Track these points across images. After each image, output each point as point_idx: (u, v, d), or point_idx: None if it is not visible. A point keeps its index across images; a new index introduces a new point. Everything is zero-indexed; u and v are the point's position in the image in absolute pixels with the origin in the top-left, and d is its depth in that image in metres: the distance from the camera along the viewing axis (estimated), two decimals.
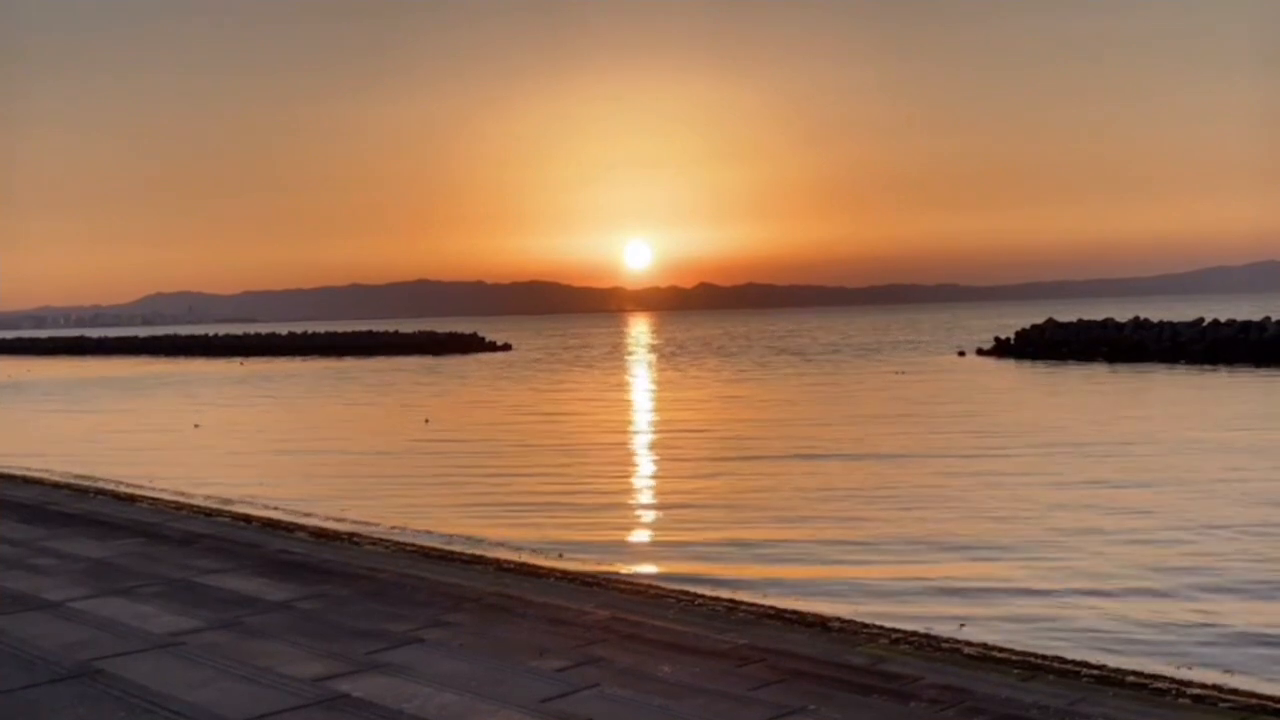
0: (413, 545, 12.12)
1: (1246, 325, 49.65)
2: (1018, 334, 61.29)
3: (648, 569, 12.22)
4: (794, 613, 8.74)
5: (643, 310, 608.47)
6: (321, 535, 12.41)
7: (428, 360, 73.18)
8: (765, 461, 21.36)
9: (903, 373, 48.59)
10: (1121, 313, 67.54)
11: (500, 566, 10.48)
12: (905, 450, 22.35)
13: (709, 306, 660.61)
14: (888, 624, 8.54)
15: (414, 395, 43.15)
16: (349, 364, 71.24)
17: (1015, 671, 6.80)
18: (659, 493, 18.78)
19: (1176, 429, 24.82)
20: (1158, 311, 79.41)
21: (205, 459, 24.38)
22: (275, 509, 15.87)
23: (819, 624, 8.24)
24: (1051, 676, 6.71)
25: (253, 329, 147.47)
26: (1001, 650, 7.59)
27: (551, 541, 13.67)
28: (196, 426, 31.75)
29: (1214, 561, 12.06)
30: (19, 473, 19.47)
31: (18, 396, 50.44)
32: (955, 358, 59.74)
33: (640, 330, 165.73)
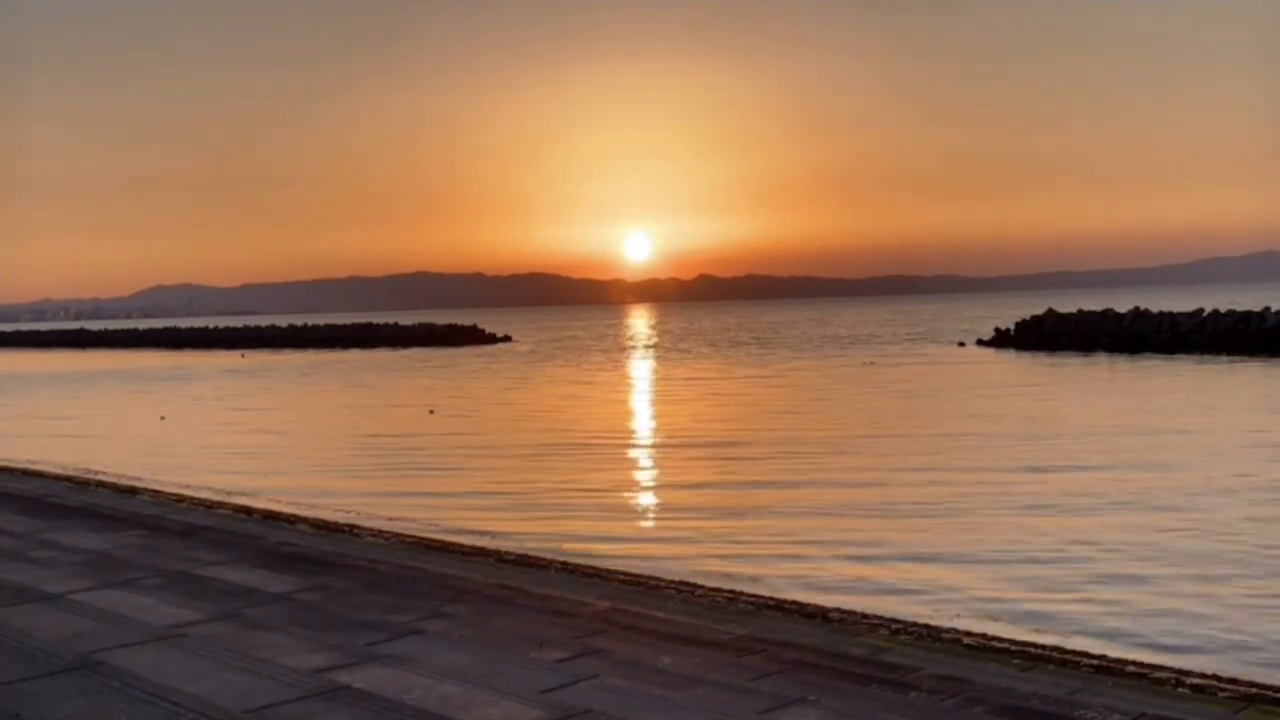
0: (413, 537, 12.10)
1: (1247, 316, 49.59)
2: (1018, 325, 61.24)
3: (648, 560, 12.22)
4: (794, 603, 8.74)
5: (643, 302, 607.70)
6: (322, 527, 12.41)
7: (427, 352, 73.16)
8: (763, 454, 21.36)
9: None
10: (1122, 303, 67.41)
11: (501, 558, 10.48)
12: (901, 440, 22.34)
13: (709, 298, 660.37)
14: (887, 614, 8.55)
15: (414, 387, 43.14)
16: (349, 356, 71.22)
17: (1015, 662, 6.81)
18: (659, 484, 18.79)
19: (1176, 421, 24.80)
20: (1158, 302, 79.40)
21: (205, 456, 24.38)
22: (276, 500, 15.88)
23: (819, 615, 8.24)
24: (1051, 666, 6.71)
25: (253, 321, 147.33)
26: (1001, 640, 7.59)
27: (552, 532, 13.68)
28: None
29: (1214, 552, 12.07)
30: (19, 465, 19.47)
31: None
32: (955, 348, 59.75)
33: (640, 322, 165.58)
